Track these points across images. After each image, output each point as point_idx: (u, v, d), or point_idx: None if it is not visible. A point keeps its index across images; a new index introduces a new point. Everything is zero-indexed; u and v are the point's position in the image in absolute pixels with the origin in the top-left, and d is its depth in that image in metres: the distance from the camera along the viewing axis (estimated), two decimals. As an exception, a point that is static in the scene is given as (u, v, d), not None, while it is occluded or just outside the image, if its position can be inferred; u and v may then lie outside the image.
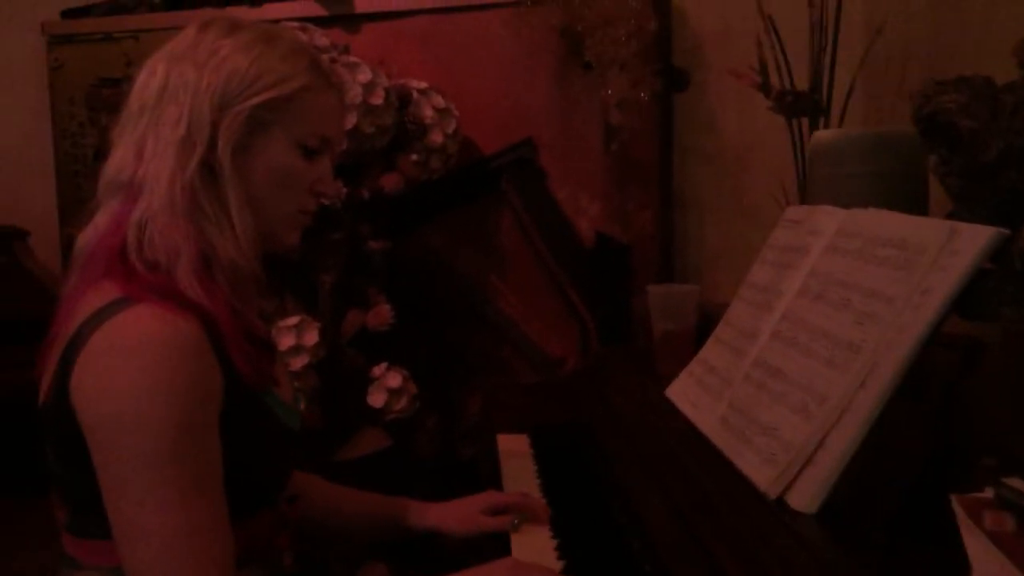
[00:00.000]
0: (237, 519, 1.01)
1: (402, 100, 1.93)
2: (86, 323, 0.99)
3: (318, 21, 2.17)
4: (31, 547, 1.69)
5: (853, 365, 1.00)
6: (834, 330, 1.07)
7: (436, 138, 1.95)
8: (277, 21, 2.11)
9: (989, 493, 0.75)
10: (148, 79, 1.09)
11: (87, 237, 1.09)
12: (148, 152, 1.05)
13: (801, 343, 1.13)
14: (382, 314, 1.92)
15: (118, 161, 1.08)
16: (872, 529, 0.89)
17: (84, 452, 0.97)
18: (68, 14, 2.40)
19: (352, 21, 2.21)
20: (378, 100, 1.82)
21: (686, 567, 0.99)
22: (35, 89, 2.55)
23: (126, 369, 0.95)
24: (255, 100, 1.06)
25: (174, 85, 1.06)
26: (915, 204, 1.33)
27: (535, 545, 1.23)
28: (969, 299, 0.93)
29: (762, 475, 1.04)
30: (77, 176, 2.39)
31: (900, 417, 0.93)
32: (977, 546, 0.69)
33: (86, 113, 2.33)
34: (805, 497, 0.97)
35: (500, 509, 1.32)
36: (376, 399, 1.91)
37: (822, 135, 1.43)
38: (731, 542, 0.96)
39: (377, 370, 1.94)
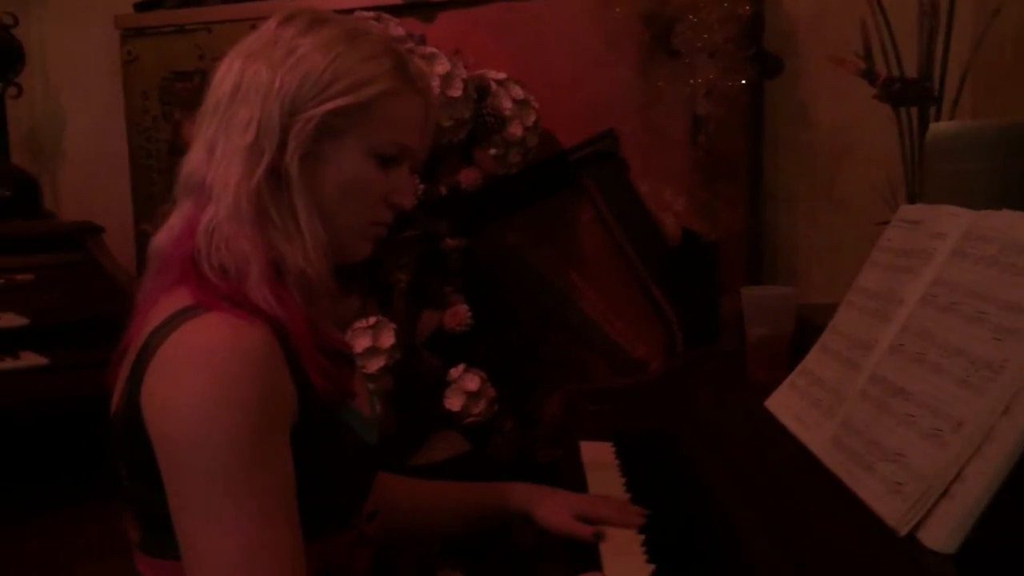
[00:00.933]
0: (312, 538, 0.96)
1: (480, 92, 1.86)
2: (156, 331, 0.96)
3: (392, 10, 2.11)
4: (97, 558, 1.66)
5: (993, 387, 0.90)
6: (968, 346, 0.97)
7: (515, 131, 1.88)
8: (351, 11, 2.05)
9: None
10: (224, 75, 1.05)
11: (161, 239, 1.06)
12: (217, 155, 1.01)
13: (928, 359, 1.03)
14: (460, 314, 1.85)
15: (192, 161, 1.05)
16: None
17: (155, 467, 0.93)
18: (141, 7, 2.39)
19: (427, 9, 2.15)
20: (456, 92, 1.75)
21: None
22: (108, 83, 2.55)
23: (194, 379, 0.91)
24: (328, 106, 1.00)
25: (247, 85, 1.01)
26: (1048, 204, 1.22)
27: (627, 563, 1.14)
28: None
29: (888, 507, 0.94)
30: (151, 171, 2.39)
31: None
32: None
33: (160, 107, 2.32)
34: (941, 535, 0.87)
35: (593, 519, 1.23)
36: (453, 402, 1.85)
37: (941, 127, 1.33)
38: (843, 567, 0.87)
39: (454, 372, 1.88)
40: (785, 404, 1.32)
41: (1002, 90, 1.76)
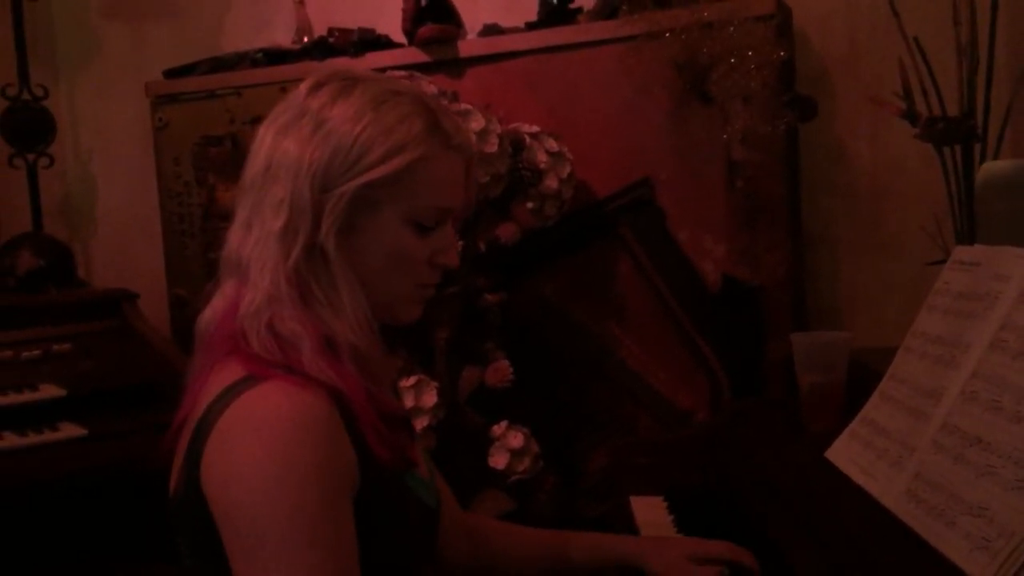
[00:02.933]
0: None
1: (515, 146, 1.86)
2: (214, 403, 0.94)
3: (421, 67, 2.13)
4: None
5: None
6: None
7: (551, 183, 1.87)
8: (381, 70, 2.06)
9: None
10: (257, 150, 1.03)
11: (206, 319, 1.05)
12: (253, 236, 1.00)
13: (1005, 407, 0.99)
14: (502, 370, 1.84)
15: (231, 240, 1.03)
16: None
17: (216, 545, 0.91)
18: (171, 74, 2.41)
19: (456, 66, 2.16)
20: (492, 148, 1.75)
21: None
22: (139, 150, 2.59)
23: (254, 449, 0.89)
24: (361, 180, 0.97)
25: (277, 163, 0.99)
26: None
27: None
28: None
29: (975, 564, 0.91)
30: (183, 235, 2.40)
31: None
32: None
33: (192, 172, 2.33)
34: None
35: (705, 559, 1.20)
36: (498, 460, 1.82)
37: (996, 166, 1.31)
38: None
39: (497, 429, 1.85)
40: (848, 455, 1.29)
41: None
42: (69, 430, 1.95)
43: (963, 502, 0.98)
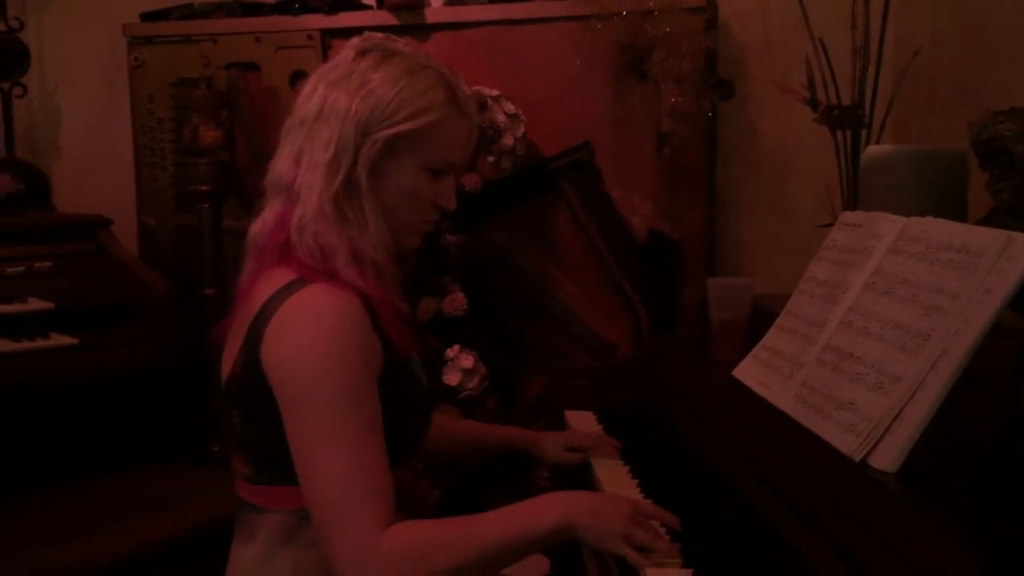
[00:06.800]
0: (391, 467, 1.18)
1: (479, 106, 2.10)
2: (271, 300, 1.18)
3: (390, 30, 2.32)
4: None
5: (923, 350, 1.15)
6: (904, 320, 1.22)
7: (508, 141, 2.13)
8: (353, 30, 2.27)
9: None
10: (309, 95, 1.27)
11: (257, 229, 1.29)
12: (304, 165, 1.24)
13: (873, 331, 1.29)
14: (457, 301, 2.10)
15: (281, 165, 1.27)
16: (950, 486, 1.07)
17: (270, 412, 1.16)
18: (146, 17, 2.55)
19: (422, 30, 2.37)
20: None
21: (773, 510, 1.15)
22: (108, 85, 2.71)
23: (310, 334, 1.14)
24: (392, 130, 1.23)
25: (328, 109, 1.23)
26: (958, 213, 1.51)
27: (616, 475, 1.46)
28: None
29: (845, 442, 1.19)
30: (154, 168, 2.54)
31: (971, 394, 1.11)
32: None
33: (167, 110, 2.48)
34: (887, 459, 1.11)
35: (578, 447, 1.55)
36: (451, 378, 2.09)
37: (877, 149, 1.62)
38: (809, 489, 1.12)
39: (451, 351, 2.12)
40: (750, 373, 1.57)
41: (919, 117, 2.09)
42: (60, 339, 2.09)
43: (837, 401, 1.26)
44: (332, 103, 1.23)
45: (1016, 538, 0.91)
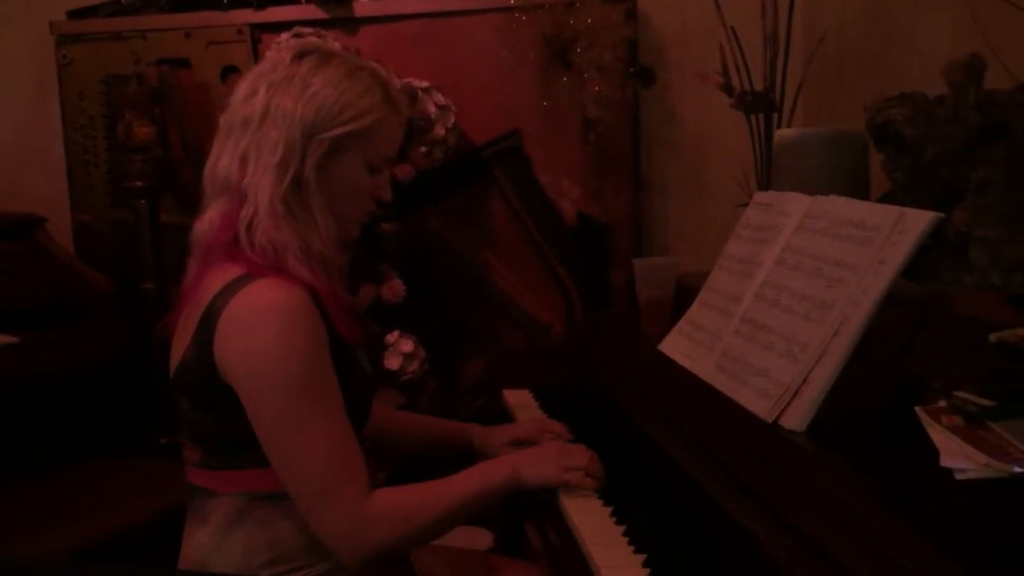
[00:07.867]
0: None
1: (410, 98, 2.16)
2: (220, 294, 1.24)
3: (319, 23, 2.37)
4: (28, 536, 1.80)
5: (827, 319, 1.24)
6: (810, 292, 1.31)
7: (439, 131, 2.20)
8: (282, 24, 2.31)
9: (943, 404, 1.06)
10: (249, 96, 1.32)
11: (202, 227, 1.33)
12: (251, 167, 1.29)
13: (783, 303, 1.38)
14: (395, 288, 2.16)
15: (224, 166, 1.32)
16: (853, 441, 1.18)
17: (223, 400, 1.22)
18: (74, 14, 2.54)
19: (351, 24, 2.41)
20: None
21: (698, 469, 1.25)
22: (36, 84, 2.70)
23: (265, 332, 1.21)
24: (337, 131, 1.29)
25: (274, 111, 1.28)
26: (860, 191, 1.61)
27: None
28: (916, 267, 1.22)
29: (759, 406, 1.28)
30: (88, 165, 2.55)
31: (871, 355, 1.22)
32: (940, 437, 0.99)
33: (98, 107, 2.49)
34: (796, 420, 1.21)
35: (523, 440, 1.58)
36: (392, 362, 2.16)
37: (786, 133, 1.72)
38: (729, 448, 1.22)
39: (391, 337, 2.18)
40: (675, 346, 1.66)
41: (827, 100, 2.20)
42: (0, 338, 2.10)
43: (752, 368, 1.35)
44: (276, 106, 1.28)
45: (909, 475, 1.01)
